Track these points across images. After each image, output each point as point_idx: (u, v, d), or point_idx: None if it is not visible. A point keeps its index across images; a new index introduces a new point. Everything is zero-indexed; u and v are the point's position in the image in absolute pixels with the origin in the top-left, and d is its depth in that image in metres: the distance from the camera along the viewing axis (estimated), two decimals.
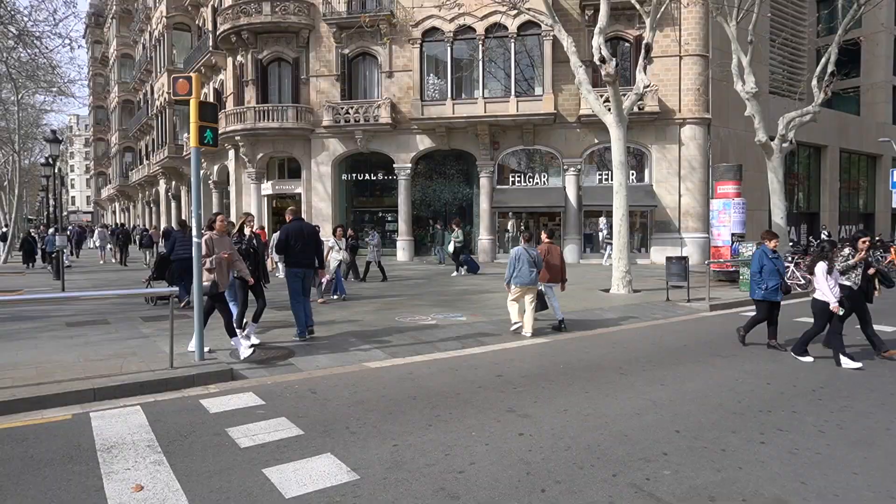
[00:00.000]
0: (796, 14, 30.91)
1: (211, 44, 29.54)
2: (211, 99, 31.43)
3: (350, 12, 24.95)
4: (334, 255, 13.75)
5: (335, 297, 13.63)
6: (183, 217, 38.50)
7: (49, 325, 10.30)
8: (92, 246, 31.13)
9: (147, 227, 39.56)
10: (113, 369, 6.93)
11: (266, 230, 25.47)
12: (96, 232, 30.89)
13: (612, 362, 7.76)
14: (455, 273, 19.55)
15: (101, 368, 6.97)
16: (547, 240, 10.74)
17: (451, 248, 19.90)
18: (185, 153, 35.01)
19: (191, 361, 7.29)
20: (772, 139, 18.64)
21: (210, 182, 31.92)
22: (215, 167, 31.24)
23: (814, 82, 19.09)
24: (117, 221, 57.97)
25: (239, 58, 27.27)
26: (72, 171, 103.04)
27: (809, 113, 18.84)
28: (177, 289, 8.16)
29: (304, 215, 26.58)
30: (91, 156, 74.13)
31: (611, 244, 18.66)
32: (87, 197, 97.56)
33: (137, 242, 30.37)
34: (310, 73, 26.14)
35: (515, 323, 9.74)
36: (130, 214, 59.12)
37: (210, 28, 30.24)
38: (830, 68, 18.49)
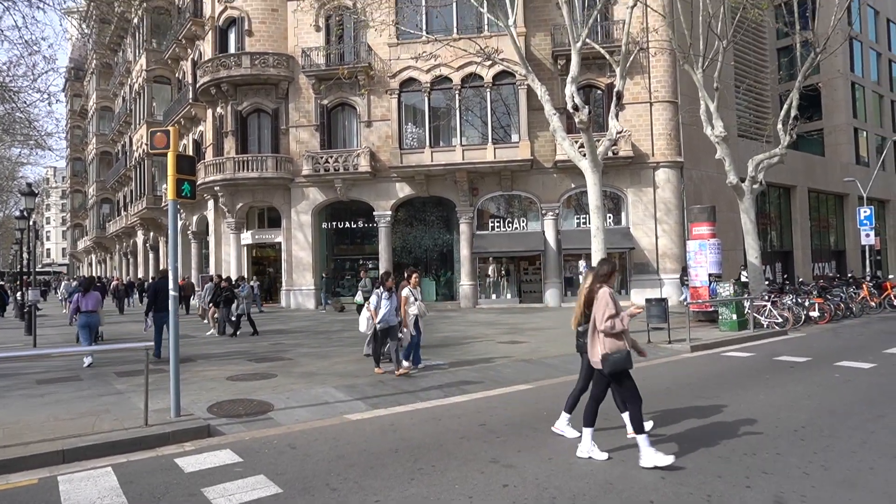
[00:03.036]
0: (758, 62, 32.22)
1: (191, 96, 29.82)
2: (190, 150, 31.53)
3: (329, 65, 25.46)
4: (411, 310, 10.36)
5: (413, 366, 10.42)
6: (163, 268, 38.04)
7: (19, 382, 9.99)
8: (60, 298, 30.54)
9: (120, 278, 39.01)
10: (84, 428, 6.71)
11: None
12: (62, 284, 30.37)
13: None
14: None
15: (71, 428, 6.75)
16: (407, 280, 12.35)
17: (358, 297, 16.52)
18: (163, 204, 34.85)
19: (166, 418, 7.09)
20: (742, 181, 19.12)
21: (189, 232, 31.71)
22: (194, 217, 31.10)
23: (779, 126, 19.76)
24: (98, 274, 57.00)
25: (219, 109, 27.54)
26: (47, 223, 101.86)
27: (777, 155, 19.42)
28: (151, 343, 8.00)
29: (284, 265, 26.52)
30: (68, 207, 73.42)
31: None
32: (63, 249, 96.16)
33: (111, 294, 29.88)
34: (289, 123, 26.45)
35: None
36: (107, 266, 58.26)
37: (190, 81, 30.59)
38: (794, 112, 19.18)
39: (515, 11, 17.49)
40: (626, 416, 5.72)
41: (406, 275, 10.68)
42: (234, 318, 16.76)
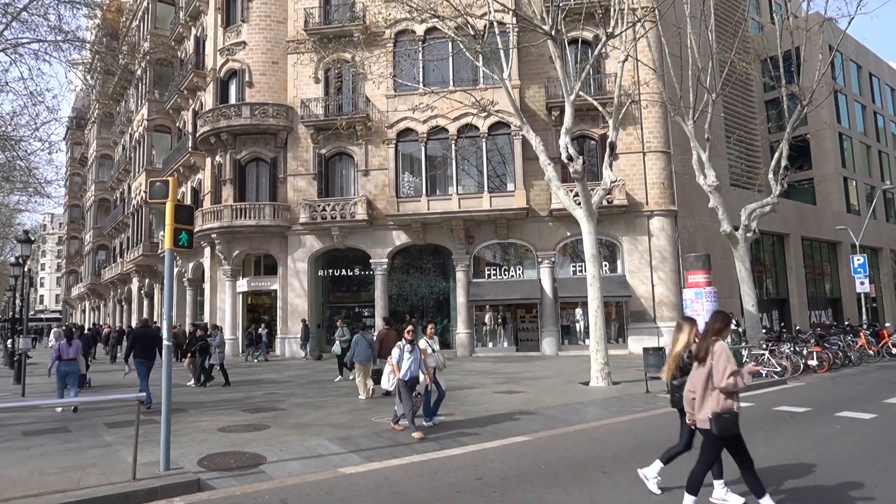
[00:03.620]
0: (747, 113, 32.99)
1: (190, 145, 30.24)
2: (188, 197, 31.77)
3: (327, 115, 25.95)
4: (429, 362, 9.83)
5: (427, 421, 9.85)
6: (154, 315, 37.79)
7: (4, 434, 9.77)
8: (49, 346, 30.17)
9: (112, 325, 38.65)
10: (69, 483, 6.53)
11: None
12: (52, 332, 30.06)
13: (595, 460, 7.56)
14: (338, 378, 16.68)
15: (56, 483, 6.56)
16: (385, 327, 14.25)
17: (336, 348, 16.83)
18: (159, 251, 34.85)
19: (155, 472, 6.92)
20: (736, 229, 19.30)
21: (185, 280, 31.62)
22: (190, 265, 31.07)
23: (770, 175, 20.08)
24: (94, 322, 56.52)
25: (217, 158, 27.89)
26: (42, 269, 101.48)
27: (769, 204, 19.66)
28: (143, 394, 7.87)
29: (279, 312, 26.38)
30: (63, 254, 73.32)
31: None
32: (56, 296, 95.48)
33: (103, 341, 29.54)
34: (287, 171, 26.76)
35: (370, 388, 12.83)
36: (100, 313, 57.78)
37: (190, 130, 31.08)
38: (784, 163, 19.52)
39: (510, 65, 17.98)
40: (720, 482, 5.47)
41: (421, 326, 10.25)
42: (207, 367, 16.45)
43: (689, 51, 18.54)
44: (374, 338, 13.71)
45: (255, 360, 24.18)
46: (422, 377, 9.41)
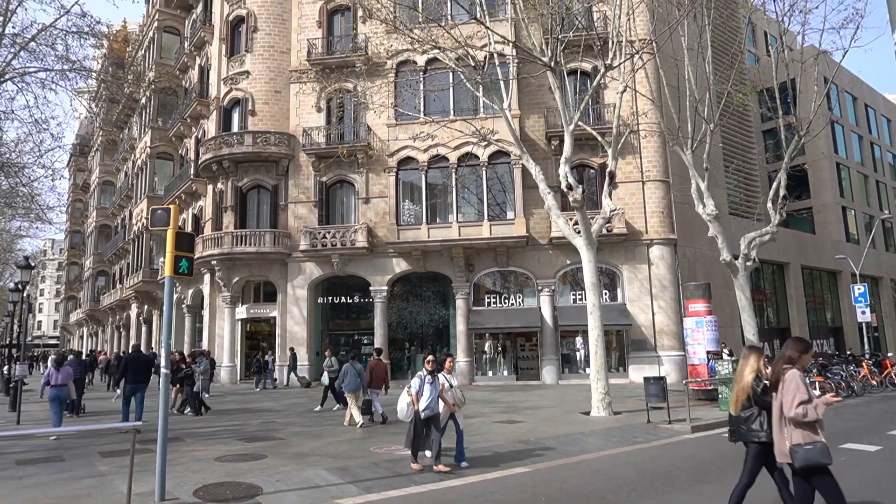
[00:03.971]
0: (745, 143, 33.28)
1: (192, 172, 30.45)
2: (189, 224, 31.88)
3: (329, 143, 26.18)
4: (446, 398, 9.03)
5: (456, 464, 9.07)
6: (152, 343, 37.63)
7: None
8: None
9: (107, 352, 38.42)
10: None
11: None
12: (50, 358, 29.92)
13: (596, 492, 7.45)
14: (317, 408, 16.35)
15: None
16: (375, 357, 14.31)
17: (325, 378, 16.45)
18: (159, 277, 34.82)
19: (150, 503, 6.81)
20: (736, 258, 19.31)
21: (184, 306, 31.54)
22: (190, 291, 31.03)
23: (769, 205, 20.16)
24: (92, 348, 56.22)
25: (219, 185, 28.05)
26: (41, 294, 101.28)
27: (768, 233, 19.70)
28: (141, 423, 7.79)
29: (278, 339, 26.25)
30: (63, 280, 73.26)
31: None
32: (55, 322, 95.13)
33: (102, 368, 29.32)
34: (288, 199, 26.89)
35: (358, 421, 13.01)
36: (98, 339, 57.51)
37: (192, 157, 31.33)
38: (782, 192, 19.61)
39: (510, 95, 18.22)
40: None
41: (440, 359, 9.39)
42: (195, 395, 16.27)
43: (687, 82, 18.78)
44: (361, 367, 14.00)
45: (264, 388, 23.82)
46: (441, 409, 8.94)
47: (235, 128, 27.95)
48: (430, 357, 9.17)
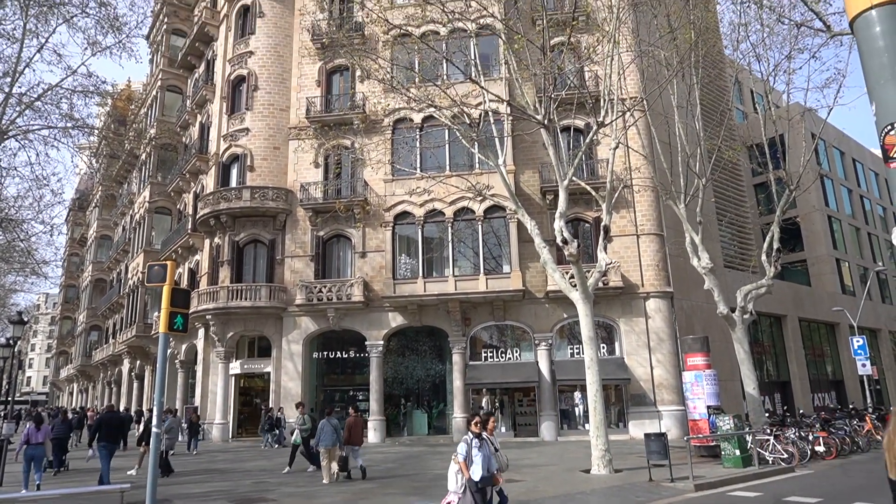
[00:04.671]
0: (737, 197, 33.78)
1: (190, 226, 30.61)
2: (185, 278, 31.81)
3: (326, 198, 26.43)
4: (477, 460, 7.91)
5: None
6: (143, 401, 36.95)
7: None
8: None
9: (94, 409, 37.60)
10: None
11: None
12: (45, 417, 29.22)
13: None
14: (286, 470, 15.71)
15: None
16: (354, 414, 14.45)
17: (296, 437, 16.01)
18: (153, 332, 34.48)
19: None
20: (733, 311, 19.30)
21: (177, 362, 31.11)
22: (183, 346, 30.68)
23: (763, 257, 20.30)
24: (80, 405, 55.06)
25: (216, 239, 28.15)
26: (32, 350, 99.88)
27: (764, 286, 19.76)
28: (128, 485, 7.56)
29: (272, 395, 25.80)
30: (55, 334, 72.40)
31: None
32: (44, 377, 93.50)
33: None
34: (285, 253, 26.95)
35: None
36: (88, 396, 56.42)
37: (190, 212, 31.55)
38: (776, 245, 19.79)
39: (504, 151, 18.57)
40: None
41: (481, 420, 8.31)
42: (164, 456, 15.73)
43: (678, 138, 19.24)
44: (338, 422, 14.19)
45: (270, 446, 23.12)
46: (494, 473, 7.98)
47: (234, 183, 28.27)
48: (476, 418, 8.23)
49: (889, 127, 2.34)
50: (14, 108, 17.53)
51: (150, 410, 19.12)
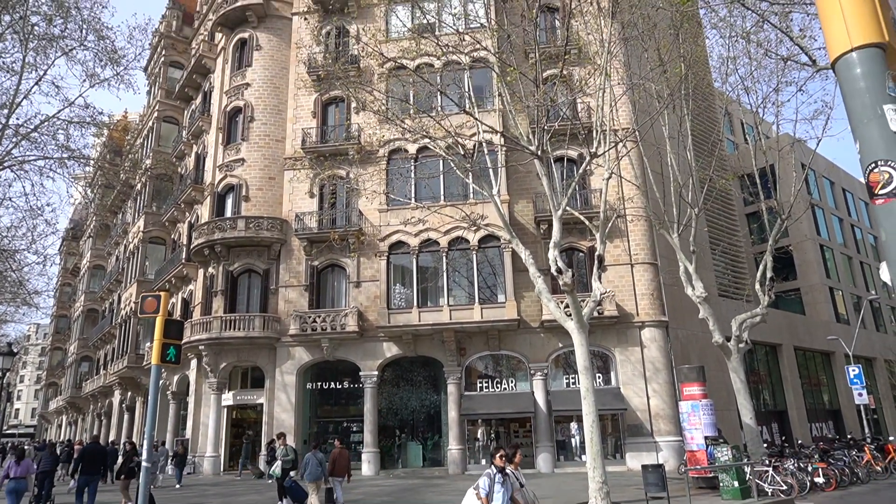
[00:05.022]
0: (729, 226, 34.04)
1: (184, 256, 30.54)
2: (179, 308, 31.61)
3: (321, 228, 26.48)
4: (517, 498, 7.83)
5: None
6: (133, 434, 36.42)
7: None
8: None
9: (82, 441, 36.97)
10: None
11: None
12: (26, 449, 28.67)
13: None
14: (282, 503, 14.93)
15: None
16: (339, 446, 14.27)
17: (277, 469, 15.01)
18: (144, 363, 34.12)
19: None
20: (728, 340, 19.27)
21: (168, 393, 30.73)
22: (175, 377, 30.33)
23: (757, 286, 20.37)
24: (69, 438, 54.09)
25: (210, 269, 28.07)
26: (21, 381, 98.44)
27: (758, 315, 19.78)
28: None
29: (265, 427, 25.44)
30: (45, 365, 71.47)
31: None
32: (33, 409, 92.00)
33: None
34: (279, 283, 26.86)
35: None
36: (78, 428, 55.47)
37: (184, 242, 31.51)
38: (769, 274, 19.87)
39: (499, 182, 18.75)
40: None
41: (506, 453, 7.92)
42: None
43: (670, 168, 19.45)
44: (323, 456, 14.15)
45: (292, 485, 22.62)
46: None
47: (229, 213, 28.32)
48: (500, 451, 7.88)
49: (873, 164, 2.39)
50: (10, 139, 17.61)
51: (130, 443, 18.73)
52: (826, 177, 45.37)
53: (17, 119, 18.07)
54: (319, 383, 26.45)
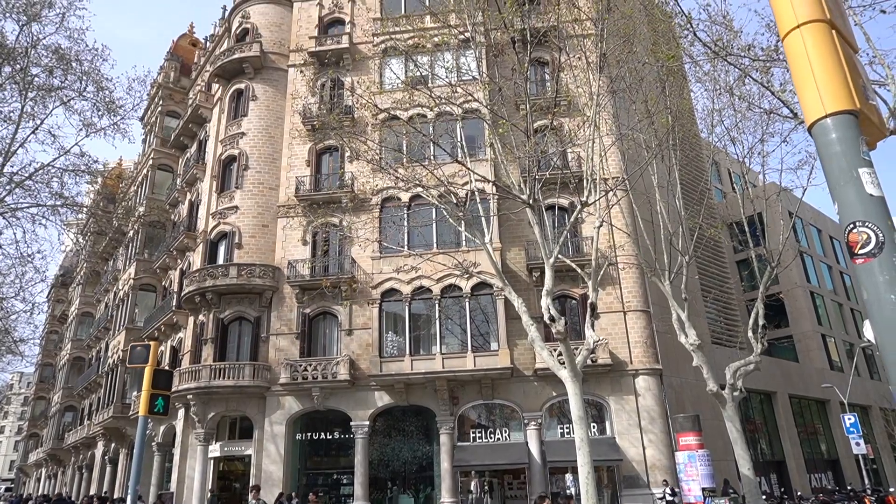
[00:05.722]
0: (720, 274, 34.27)
1: (175, 304, 30.30)
2: (168, 356, 31.18)
3: (313, 276, 26.44)
4: None
5: None
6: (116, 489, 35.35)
7: None
8: None
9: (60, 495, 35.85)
10: None
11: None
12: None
13: None
14: None
15: None
16: (313, 498, 14.67)
17: None
18: (131, 413, 33.37)
19: None
20: (722, 388, 19.12)
21: (154, 444, 29.96)
22: (161, 428, 29.63)
23: (749, 333, 20.35)
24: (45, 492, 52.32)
25: (200, 317, 27.82)
26: (0, 432, 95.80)
27: (752, 362, 19.68)
28: None
29: (252, 479, 24.75)
30: (27, 415, 69.69)
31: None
32: (11, 462, 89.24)
33: None
34: (270, 331, 26.61)
35: None
36: (57, 482, 53.71)
37: (175, 289, 31.31)
38: (761, 321, 19.88)
39: (491, 230, 18.90)
40: None
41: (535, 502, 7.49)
42: None
43: (660, 217, 19.69)
44: None
45: None
46: None
47: (221, 260, 28.27)
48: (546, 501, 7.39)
49: (851, 225, 2.46)
50: (4, 186, 17.67)
51: (100, 498, 18.08)
52: (813, 224, 46.03)
53: (12, 167, 18.15)
54: (309, 434, 25.91)
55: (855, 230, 2.43)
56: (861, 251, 2.43)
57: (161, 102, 39.96)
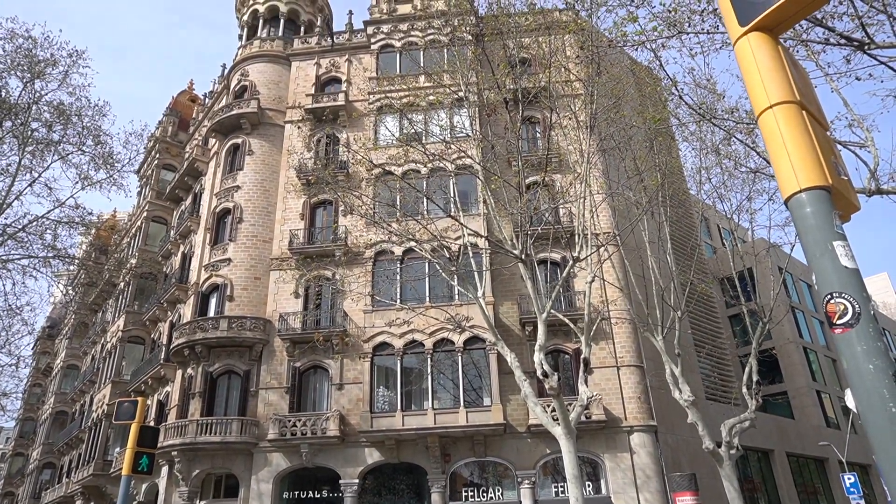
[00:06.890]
0: (713, 329, 34.25)
1: (163, 356, 29.87)
2: (154, 410, 30.49)
3: (304, 329, 26.23)
4: None
5: None
6: None
7: None
8: None
9: None
10: None
11: None
12: None
13: None
14: None
15: None
16: None
17: None
18: (112, 470, 32.34)
19: None
20: (719, 445, 18.85)
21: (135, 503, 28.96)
22: (143, 486, 28.70)
23: (744, 390, 20.22)
24: None
25: (189, 370, 27.38)
26: None
27: (747, 419, 19.50)
28: None
29: None
30: (3, 473, 67.30)
31: None
32: None
33: None
34: (259, 385, 26.19)
35: None
36: None
37: (164, 342, 30.92)
38: (755, 377, 19.82)
39: (483, 284, 18.96)
40: None
41: None
42: None
43: (651, 272, 19.86)
44: None
45: None
46: None
47: (212, 312, 28.05)
48: None
49: (829, 296, 2.54)
50: None
51: None
52: (803, 280, 46.38)
53: (6, 219, 18.21)
54: (297, 492, 25.13)
55: (832, 301, 2.51)
56: (839, 321, 2.50)
57: (158, 156, 40.48)
